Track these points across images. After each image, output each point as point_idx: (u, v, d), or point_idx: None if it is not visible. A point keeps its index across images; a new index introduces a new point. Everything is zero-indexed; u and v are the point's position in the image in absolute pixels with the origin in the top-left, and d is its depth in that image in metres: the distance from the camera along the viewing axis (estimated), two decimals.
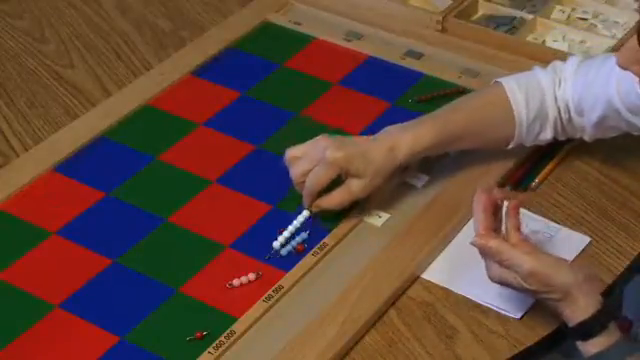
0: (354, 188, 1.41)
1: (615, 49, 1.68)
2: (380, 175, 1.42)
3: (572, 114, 1.48)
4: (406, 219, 1.45)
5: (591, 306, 1.24)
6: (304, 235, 1.42)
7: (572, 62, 1.50)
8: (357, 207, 1.46)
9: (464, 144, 1.49)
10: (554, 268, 1.25)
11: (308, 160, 1.42)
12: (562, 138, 1.52)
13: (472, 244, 1.30)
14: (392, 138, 1.43)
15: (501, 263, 1.27)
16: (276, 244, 1.41)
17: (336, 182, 1.43)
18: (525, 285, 1.26)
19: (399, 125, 1.45)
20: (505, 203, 1.32)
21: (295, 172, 1.43)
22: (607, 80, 1.44)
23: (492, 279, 1.30)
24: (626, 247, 1.43)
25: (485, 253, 1.29)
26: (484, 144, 1.50)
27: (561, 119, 1.49)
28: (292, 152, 1.45)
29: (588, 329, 1.23)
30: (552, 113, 1.48)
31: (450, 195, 1.48)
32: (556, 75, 1.49)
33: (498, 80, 1.51)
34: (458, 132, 1.46)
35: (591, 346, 1.23)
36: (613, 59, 1.29)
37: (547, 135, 1.50)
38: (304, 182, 1.42)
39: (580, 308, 1.24)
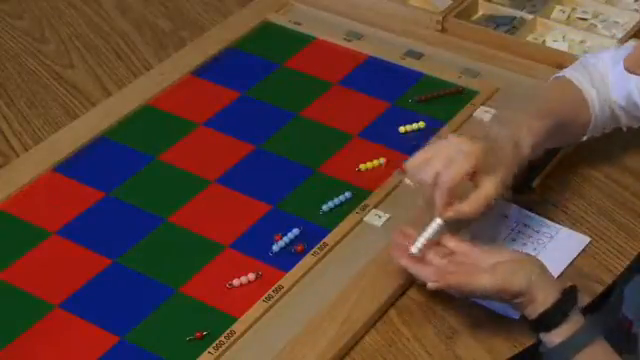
0: (487, 187, 1.32)
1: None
2: (510, 171, 1.34)
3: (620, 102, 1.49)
4: (406, 219, 1.45)
5: (550, 297, 1.24)
6: (296, 232, 1.42)
7: (611, 50, 1.52)
8: (357, 207, 1.46)
9: (554, 137, 1.43)
10: (510, 277, 1.25)
11: (440, 159, 1.32)
12: (616, 126, 1.51)
13: (431, 288, 1.28)
14: (512, 134, 1.36)
15: (465, 295, 1.29)
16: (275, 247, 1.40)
17: None
18: (492, 298, 1.28)
19: (500, 123, 1.38)
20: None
21: (429, 174, 1.32)
22: (628, 74, 1.44)
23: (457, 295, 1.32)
24: (626, 247, 1.43)
25: (448, 290, 1.29)
26: (567, 135, 1.47)
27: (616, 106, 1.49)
28: (417, 158, 1.34)
29: (549, 320, 1.24)
30: (612, 100, 1.48)
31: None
32: (606, 63, 1.50)
33: (558, 75, 1.50)
34: (555, 122, 1.41)
35: (555, 336, 1.23)
36: None
37: (611, 122, 1.50)
38: (436, 186, 1.32)
39: (539, 302, 1.24)
